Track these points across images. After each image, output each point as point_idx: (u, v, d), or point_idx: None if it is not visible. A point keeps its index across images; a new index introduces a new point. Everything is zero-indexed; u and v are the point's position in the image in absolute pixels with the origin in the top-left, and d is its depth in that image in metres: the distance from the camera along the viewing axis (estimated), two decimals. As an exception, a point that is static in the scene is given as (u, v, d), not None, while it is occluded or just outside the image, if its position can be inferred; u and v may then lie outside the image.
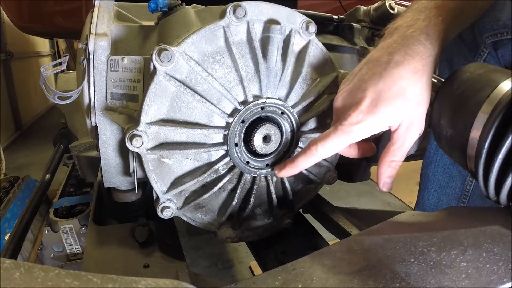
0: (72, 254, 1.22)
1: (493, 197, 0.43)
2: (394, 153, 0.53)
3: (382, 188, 0.55)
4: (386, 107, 0.49)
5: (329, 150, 0.53)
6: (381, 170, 0.54)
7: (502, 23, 0.59)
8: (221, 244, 1.44)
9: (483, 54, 0.65)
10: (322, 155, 0.54)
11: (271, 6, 0.59)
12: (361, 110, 0.50)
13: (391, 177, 0.54)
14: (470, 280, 0.33)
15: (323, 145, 0.53)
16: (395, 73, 0.49)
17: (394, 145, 0.52)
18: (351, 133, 0.51)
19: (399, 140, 0.52)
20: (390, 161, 0.53)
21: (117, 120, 0.59)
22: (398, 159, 0.53)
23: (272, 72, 0.60)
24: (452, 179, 0.78)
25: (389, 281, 0.34)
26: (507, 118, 0.41)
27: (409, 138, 0.52)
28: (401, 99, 0.49)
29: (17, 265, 0.25)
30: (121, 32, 0.63)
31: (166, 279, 0.29)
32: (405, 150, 0.53)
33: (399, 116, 0.50)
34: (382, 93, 0.49)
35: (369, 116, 0.50)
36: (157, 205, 0.60)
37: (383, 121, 0.50)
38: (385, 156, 0.53)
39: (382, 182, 0.55)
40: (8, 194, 1.50)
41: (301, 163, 0.56)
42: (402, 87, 0.49)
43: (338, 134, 0.51)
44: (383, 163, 0.53)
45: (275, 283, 0.35)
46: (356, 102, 0.51)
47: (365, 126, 0.50)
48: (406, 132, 0.51)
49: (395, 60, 0.49)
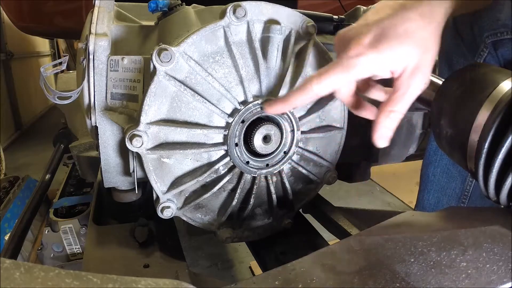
0: (72, 254, 1.22)
1: (493, 197, 0.43)
2: (395, 102, 0.48)
3: (377, 142, 0.49)
4: (389, 45, 0.45)
5: (325, 86, 0.48)
6: (379, 120, 0.48)
7: (502, 22, 0.59)
8: (221, 244, 1.44)
9: (483, 54, 0.65)
10: (317, 91, 0.49)
11: (271, 6, 0.59)
12: (363, 44, 0.46)
13: (388, 129, 0.49)
14: (470, 280, 0.33)
15: (319, 80, 0.48)
16: (402, 14, 0.46)
17: (396, 92, 0.48)
18: (350, 68, 0.46)
19: (402, 87, 0.47)
20: (390, 110, 0.48)
21: (117, 120, 0.59)
22: (399, 110, 0.48)
23: (272, 72, 0.60)
24: (452, 180, 0.78)
25: (389, 281, 0.34)
26: (507, 118, 0.41)
27: (413, 86, 0.47)
28: (407, 40, 0.45)
29: (17, 265, 0.25)
30: (121, 32, 0.63)
31: (166, 279, 0.29)
32: (408, 101, 0.48)
33: (403, 58, 0.46)
34: (387, 30, 0.45)
35: (370, 51, 0.46)
36: (157, 205, 0.60)
37: (386, 59, 0.46)
38: (385, 105, 0.48)
39: (379, 133, 0.49)
40: (8, 194, 1.50)
41: (294, 99, 0.51)
42: (409, 28, 0.45)
43: (335, 69, 0.47)
44: (382, 112, 0.48)
45: (275, 283, 0.35)
46: (358, 37, 0.47)
47: (366, 61, 0.46)
48: (409, 78, 0.47)
49: (403, 4, 0.46)
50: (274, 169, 0.65)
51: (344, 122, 0.70)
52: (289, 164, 0.67)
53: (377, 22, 0.47)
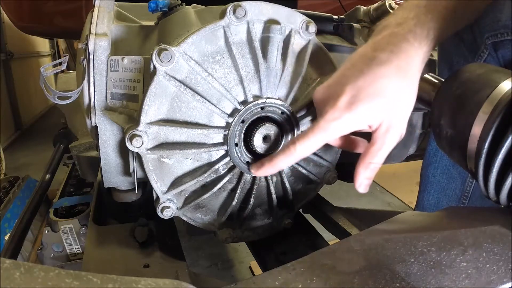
0: (72, 254, 1.22)
1: (493, 197, 0.43)
2: (372, 155, 0.50)
3: (358, 189, 0.52)
4: (364, 105, 0.47)
5: (308, 148, 0.51)
6: (359, 170, 0.51)
7: (502, 23, 0.59)
8: (221, 244, 1.44)
9: (483, 55, 0.65)
10: (301, 154, 0.52)
11: (271, 6, 0.59)
12: (338, 107, 0.48)
13: (368, 179, 0.52)
14: (470, 280, 0.33)
15: (301, 144, 0.51)
16: (376, 71, 0.47)
17: (373, 146, 0.50)
18: (328, 131, 0.49)
19: (378, 141, 0.50)
20: (369, 162, 0.51)
21: (117, 120, 0.59)
22: (377, 162, 0.51)
23: (272, 72, 0.60)
24: (452, 180, 0.78)
25: (389, 281, 0.34)
26: (507, 118, 0.41)
27: (389, 140, 0.50)
28: (381, 98, 0.47)
29: (17, 265, 0.25)
30: (121, 32, 0.63)
31: (166, 279, 0.29)
32: (385, 153, 0.50)
33: (377, 115, 0.48)
34: (361, 90, 0.47)
35: (346, 113, 0.48)
36: (157, 205, 0.60)
37: (361, 119, 0.48)
38: (364, 157, 0.51)
39: (359, 183, 0.52)
40: (8, 194, 1.50)
41: (279, 163, 0.54)
42: (383, 85, 0.47)
43: (315, 132, 0.50)
44: (362, 163, 0.51)
45: (275, 283, 0.35)
46: (334, 98, 0.49)
47: (342, 124, 0.48)
48: (385, 133, 0.49)
49: (379, 58, 0.48)
50: (274, 169, 0.65)
51: (344, 122, 0.70)
52: (289, 164, 0.67)
53: (352, 81, 0.48)
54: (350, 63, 0.51)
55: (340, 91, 0.49)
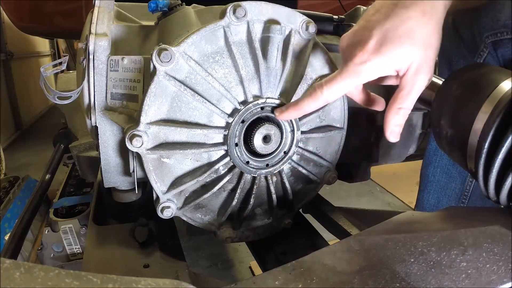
0: (72, 254, 1.22)
1: (493, 197, 0.43)
2: (402, 100, 0.50)
3: (389, 137, 0.52)
4: (393, 47, 0.47)
5: (335, 92, 0.51)
6: (389, 118, 0.51)
7: (502, 22, 0.59)
8: (221, 244, 1.44)
9: (482, 54, 0.65)
10: (327, 97, 0.52)
11: (271, 6, 0.59)
12: (367, 50, 0.48)
13: (398, 126, 0.51)
14: (470, 280, 0.33)
15: (329, 88, 0.51)
16: (403, 14, 0.47)
17: (402, 90, 0.50)
18: (357, 74, 0.49)
19: (408, 85, 0.49)
20: (398, 108, 0.50)
21: (117, 120, 0.59)
22: (407, 106, 0.50)
23: (272, 72, 0.60)
24: (452, 180, 0.78)
25: (389, 281, 0.34)
26: (507, 118, 0.41)
27: (418, 83, 0.49)
28: (409, 40, 0.47)
29: (17, 265, 0.25)
30: (121, 32, 0.63)
31: (166, 279, 0.29)
32: (414, 97, 0.50)
33: (406, 58, 0.48)
34: (389, 33, 0.47)
35: (375, 56, 0.48)
36: (157, 205, 0.60)
37: (390, 62, 0.48)
38: (393, 103, 0.51)
39: (390, 130, 0.52)
40: (8, 194, 1.51)
41: (305, 106, 0.54)
42: (410, 27, 0.47)
43: (343, 76, 0.50)
44: (391, 110, 0.51)
45: (275, 283, 0.35)
46: (362, 42, 0.49)
47: (371, 67, 0.48)
48: (414, 76, 0.49)
49: (403, 3, 0.47)
50: (274, 169, 0.65)
51: (344, 122, 0.70)
52: (289, 164, 0.67)
53: (379, 24, 0.48)
54: (374, 9, 0.50)
55: (367, 35, 0.48)
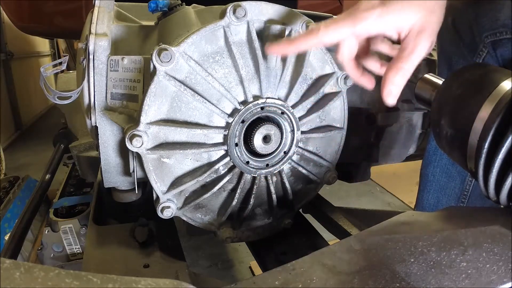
0: (72, 254, 1.22)
1: (493, 197, 0.43)
2: (404, 59, 0.49)
3: (386, 97, 0.50)
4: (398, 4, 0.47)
5: (332, 33, 0.50)
6: (388, 76, 0.49)
7: (501, 22, 0.59)
8: (221, 244, 1.44)
9: (482, 54, 0.65)
10: (322, 38, 0.50)
11: (271, 6, 0.59)
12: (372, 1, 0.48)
13: (397, 86, 0.50)
14: (470, 280, 0.33)
15: (326, 28, 0.50)
16: None
17: (404, 51, 0.49)
18: (358, 20, 0.48)
19: (410, 45, 0.49)
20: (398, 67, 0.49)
21: (117, 120, 0.59)
22: (408, 68, 0.49)
23: (272, 72, 0.60)
24: (452, 179, 0.78)
25: (389, 281, 0.34)
26: (507, 118, 0.41)
27: (420, 44, 0.49)
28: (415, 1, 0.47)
29: (17, 265, 0.25)
30: (121, 32, 0.63)
31: (166, 279, 0.29)
32: (416, 58, 0.49)
33: (410, 17, 0.48)
34: None
35: (380, 7, 0.47)
36: (157, 205, 0.60)
37: (393, 17, 0.48)
38: (394, 62, 0.50)
39: (388, 89, 0.50)
40: (8, 194, 1.50)
41: (299, 42, 0.52)
42: None
43: (344, 19, 0.49)
44: (391, 68, 0.50)
45: (275, 283, 0.35)
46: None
47: (374, 16, 0.48)
48: (416, 38, 0.48)
49: None
50: (274, 169, 0.65)
51: (344, 122, 0.70)
52: (289, 164, 0.67)
53: None
54: None
55: None
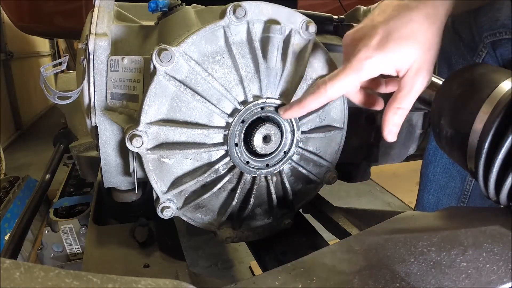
0: (72, 254, 1.22)
1: (493, 197, 0.43)
2: (401, 100, 0.51)
3: (386, 137, 0.53)
4: (396, 46, 0.49)
5: (338, 89, 0.52)
6: (387, 117, 0.52)
7: (501, 22, 0.59)
8: (221, 244, 1.44)
9: (481, 54, 0.65)
10: (331, 95, 0.53)
11: (271, 6, 0.59)
12: (370, 46, 0.49)
13: (396, 126, 0.52)
14: (470, 280, 0.33)
15: (332, 84, 0.52)
16: (407, 15, 0.49)
17: (401, 91, 0.51)
18: (360, 70, 0.50)
19: (407, 85, 0.51)
20: (397, 108, 0.52)
21: (117, 120, 0.59)
22: (405, 107, 0.52)
23: (272, 72, 0.60)
24: (452, 179, 0.78)
25: (389, 281, 0.34)
26: (507, 118, 0.41)
27: (417, 84, 0.51)
28: (412, 41, 0.48)
29: (17, 265, 0.25)
30: (121, 32, 0.63)
31: (166, 279, 0.29)
32: (413, 98, 0.52)
33: (408, 58, 0.49)
34: (393, 32, 0.49)
35: (378, 52, 0.49)
36: (157, 205, 0.60)
37: (392, 60, 0.49)
38: (392, 103, 0.52)
39: (388, 129, 0.53)
40: (8, 194, 1.50)
41: (309, 104, 0.55)
42: (413, 29, 0.48)
43: (347, 72, 0.51)
44: (389, 109, 0.52)
45: (275, 283, 0.35)
46: (366, 39, 0.50)
47: (374, 62, 0.50)
48: (414, 77, 0.50)
49: (407, 4, 0.49)
50: (274, 169, 0.65)
51: (344, 122, 0.70)
52: (289, 164, 0.67)
53: (383, 23, 0.50)
54: (379, 10, 0.52)
55: (371, 32, 0.50)
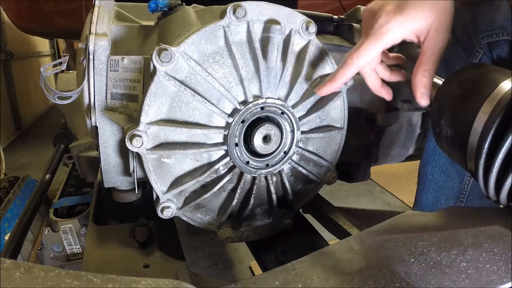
0: (72, 254, 1.22)
1: (493, 197, 0.43)
2: (427, 62, 0.53)
3: (420, 100, 0.54)
4: (413, 9, 0.50)
5: (365, 57, 0.54)
6: (416, 81, 0.53)
7: (498, 24, 0.59)
8: (221, 244, 1.44)
9: (478, 55, 0.65)
10: (358, 63, 0.55)
11: (271, 6, 0.59)
12: (388, 11, 0.51)
13: (426, 88, 0.53)
14: (470, 280, 0.33)
15: (358, 54, 0.54)
16: None
17: (425, 54, 0.53)
18: (382, 35, 0.52)
19: (430, 47, 0.52)
20: (424, 69, 0.53)
21: (117, 120, 0.59)
22: (432, 68, 0.53)
23: (272, 72, 0.60)
24: (450, 179, 0.78)
25: (389, 281, 0.34)
26: (507, 118, 0.41)
27: (439, 44, 0.52)
28: (428, 3, 0.50)
29: (17, 265, 0.25)
30: (121, 32, 0.63)
31: (166, 279, 0.29)
32: (438, 57, 0.53)
33: (426, 19, 0.51)
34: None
35: (397, 16, 0.51)
36: (157, 205, 0.60)
37: (411, 22, 0.51)
38: (419, 66, 0.53)
39: (420, 92, 0.54)
40: (8, 194, 1.50)
41: (340, 76, 0.57)
42: None
43: (370, 39, 0.53)
44: (417, 73, 0.53)
45: (275, 283, 0.35)
46: (383, 6, 0.52)
47: (394, 27, 0.51)
48: (435, 37, 0.52)
49: None
50: (274, 169, 0.65)
51: (344, 122, 0.70)
52: (289, 164, 0.67)
53: None
54: None
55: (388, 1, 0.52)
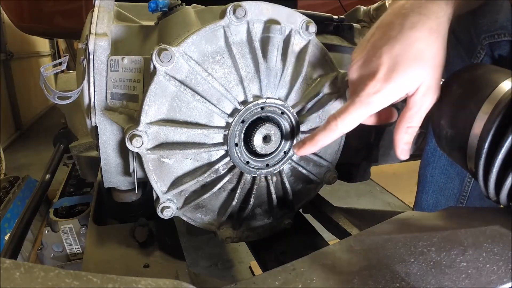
0: (72, 254, 1.22)
1: (493, 197, 0.43)
2: (410, 119, 0.51)
3: (400, 156, 0.53)
4: (403, 73, 0.47)
5: (349, 124, 0.52)
6: (398, 137, 0.52)
7: (500, 24, 0.59)
8: (221, 244, 1.44)
9: (479, 56, 0.65)
10: (342, 130, 0.52)
11: (271, 6, 0.59)
12: (378, 79, 0.48)
13: (408, 144, 0.52)
14: (470, 280, 0.33)
15: (342, 120, 0.51)
16: (410, 36, 0.47)
17: (410, 110, 0.50)
18: (370, 104, 0.49)
19: (416, 105, 0.50)
20: (407, 127, 0.51)
21: (117, 120, 0.59)
22: (415, 125, 0.51)
23: (272, 72, 0.60)
24: (450, 180, 0.78)
25: (389, 281, 0.34)
26: (507, 118, 0.41)
27: (426, 103, 0.50)
28: (419, 62, 0.47)
29: (17, 265, 0.25)
30: (121, 32, 0.63)
31: (166, 279, 0.29)
32: (422, 116, 0.51)
33: (416, 80, 0.48)
34: (399, 58, 0.47)
35: (386, 84, 0.48)
36: (157, 205, 0.60)
37: (402, 87, 0.48)
38: (401, 122, 0.51)
39: (400, 149, 0.52)
40: (8, 194, 1.50)
41: (321, 140, 0.54)
42: (419, 49, 0.47)
43: (356, 107, 0.50)
44: (400, 129, 0.51)
45: (275, 283, 0.35)
46: (372, 71, 0.49)
47: (384, 96, 0.48)
48: (423, 97, 0.49)
49: (410, 22, 0.47)
50: (274, 169, 0.65)
51: (344, 122, 0.70)
52: (289, 164, 0.67)
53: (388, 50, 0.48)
54: (380, 32, 0.50)
55: (377, 64, 0.49)
